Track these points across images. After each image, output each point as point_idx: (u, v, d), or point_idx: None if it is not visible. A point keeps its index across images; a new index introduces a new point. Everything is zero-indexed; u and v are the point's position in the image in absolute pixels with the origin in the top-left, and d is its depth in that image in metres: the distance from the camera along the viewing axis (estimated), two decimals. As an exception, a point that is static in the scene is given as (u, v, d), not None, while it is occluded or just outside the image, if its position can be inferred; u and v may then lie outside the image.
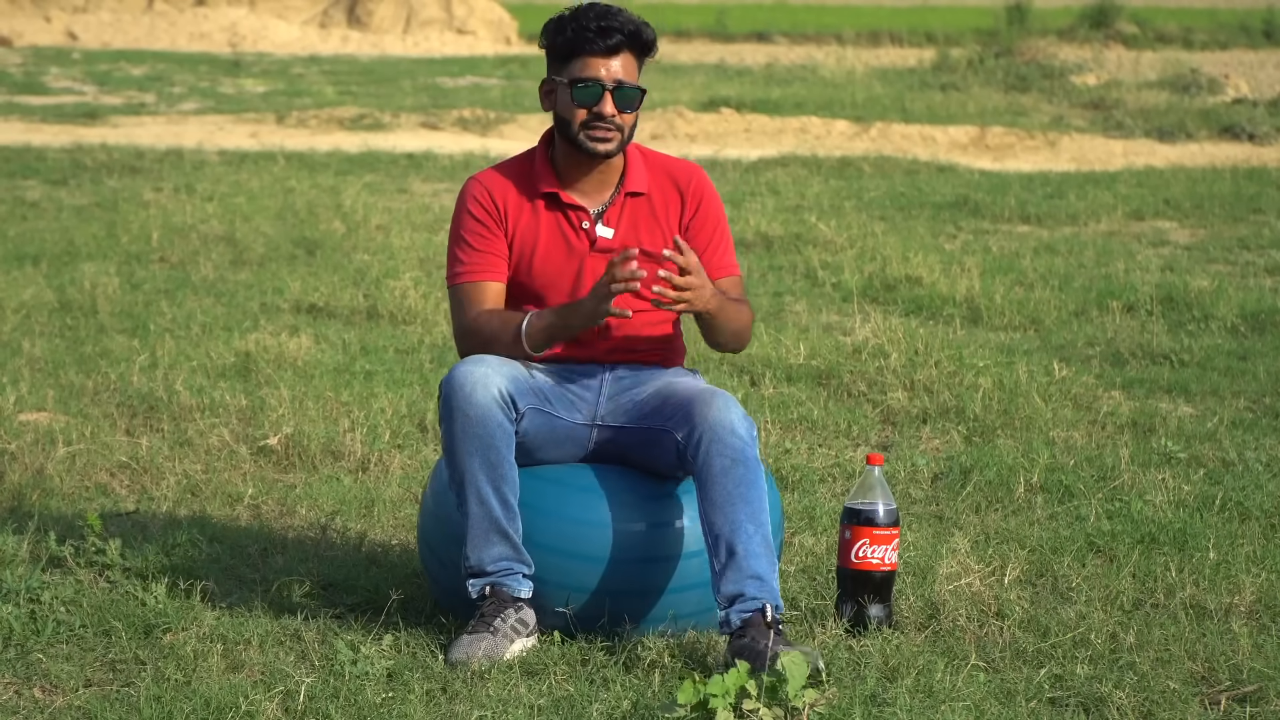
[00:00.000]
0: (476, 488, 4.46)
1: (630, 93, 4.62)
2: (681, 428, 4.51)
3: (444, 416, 4.48)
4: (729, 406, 4.48)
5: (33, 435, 6.32)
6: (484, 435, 4.44)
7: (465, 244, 4.69)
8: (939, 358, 7.52)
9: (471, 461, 4.45)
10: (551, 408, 4.61)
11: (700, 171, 4.80)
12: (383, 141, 16.91)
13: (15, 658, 4.39)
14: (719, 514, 4.42)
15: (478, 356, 4.52)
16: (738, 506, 4.41)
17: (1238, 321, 8.61)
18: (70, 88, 22.87)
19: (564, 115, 4.64)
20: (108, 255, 10.13)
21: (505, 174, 4.75)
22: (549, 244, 4.68)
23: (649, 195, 4.72)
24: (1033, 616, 4.70)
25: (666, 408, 4.59)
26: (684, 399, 4.56)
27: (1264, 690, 4.26)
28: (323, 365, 7.53)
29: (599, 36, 4.60)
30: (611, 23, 4.61)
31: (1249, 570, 5.07)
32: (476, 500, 4.47)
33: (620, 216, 4.70)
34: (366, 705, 4.08)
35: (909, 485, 6.05)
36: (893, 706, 4.07)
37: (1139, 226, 12.05)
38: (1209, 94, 22.51)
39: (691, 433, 4.48)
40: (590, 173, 4.69)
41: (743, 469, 4.43)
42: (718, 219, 4.77)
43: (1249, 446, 6.51)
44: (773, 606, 4.36)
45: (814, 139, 17.80)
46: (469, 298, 4.67)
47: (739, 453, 4.43)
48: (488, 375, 4.45)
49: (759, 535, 4.42)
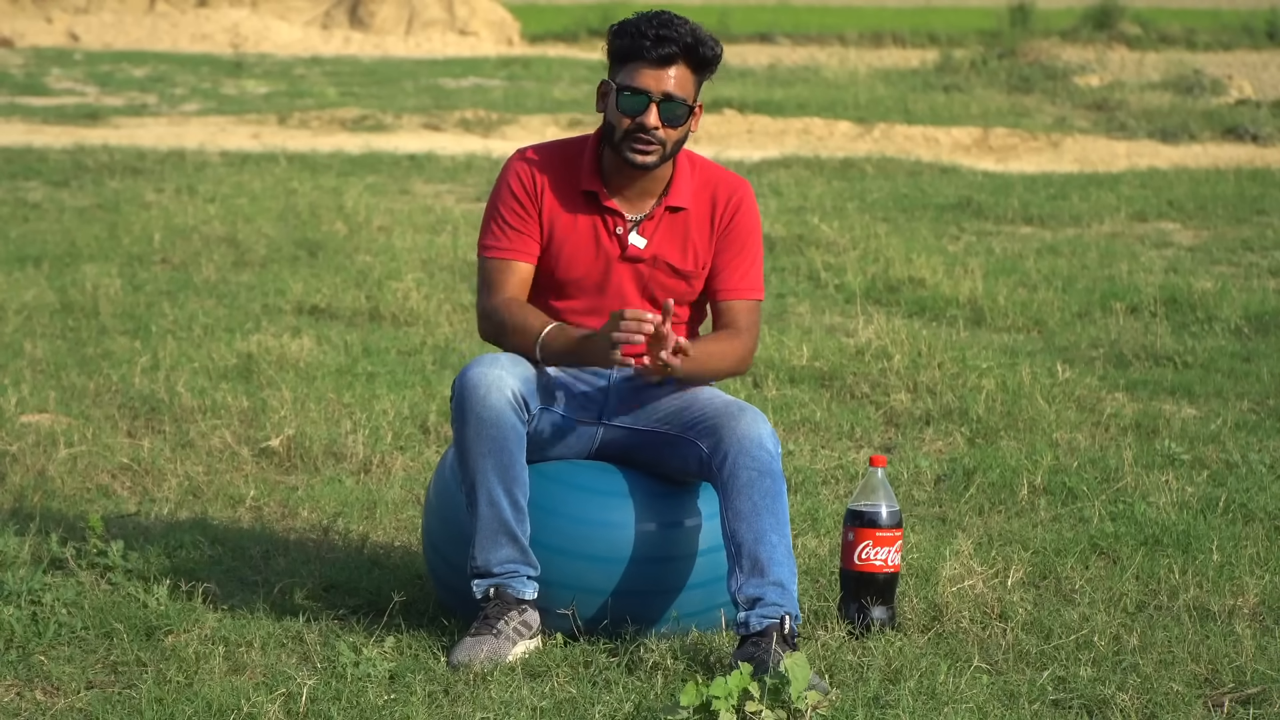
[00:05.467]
0: (488, 489, 4.46)
1: (678, 107, 4.54)
2: (707, 438, 4.50)
3: (457, 418, 4.47)
4: (758, 421, 4.48)
5: (34, 437, 6.32)
6: (497, 438, 4.44)
7: (501, 218, 4.65)
8: (942, 359, 7.53)
9: (484, 463, 4.45)
10: (561, 407, 4.61)
11: (744, 188, 4.72)
12: (385, 143, 16.91)
13: (17, 659, 4.39)
14: (744, 524, 4.42)
15: (491, 357, 4.50)
16: (764, 518, 4.42)
17: (1241, 323, 8.61)
18: (72, 89, 22.88)
19: (611, 120, 4.59)
20: (109, 257, 10.13)
21: (552, 158, 4.69)
22: (580, 240, 4.65)
23: (689, 210, 4.67)
24: (1036, 618, 4.71)
25: (688, 416, 4.58)
26: (710, 411, 4.54)
27: (1268, 692, 4.26)
28: (325, 367, 7.54)
29: (654, 45, 4.52)
30: (670, 33, 4.52)
31: (1253, 572, 5.07)
32: (487, 502, 4.47)
33: (656, 229, 4.65)
34: (369, 707, 4.08)
35: (912, 487, 6.06)
36: (895, 708, 4.07)
37: (1142, 228, 12.06)
38: (1212, 95, 22.51)
39: (719, 445, 4.47)
40: (634, 181, 4.64)
41: (769, 481, 4.44)
42: (745, 239, 4.70)
43: (1253, 448, 6.51)
44: (791, 617, 4.37)
45: (817, 140, 17.80)
46: (497, 276, 4.64)
47: (766, 466, 4.44)
48: (502, 378, 4.44)
49: (783, 545, 4.43)
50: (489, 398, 4.42)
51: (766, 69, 27.06)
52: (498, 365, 4.47)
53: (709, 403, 4.58)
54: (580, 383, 4.65)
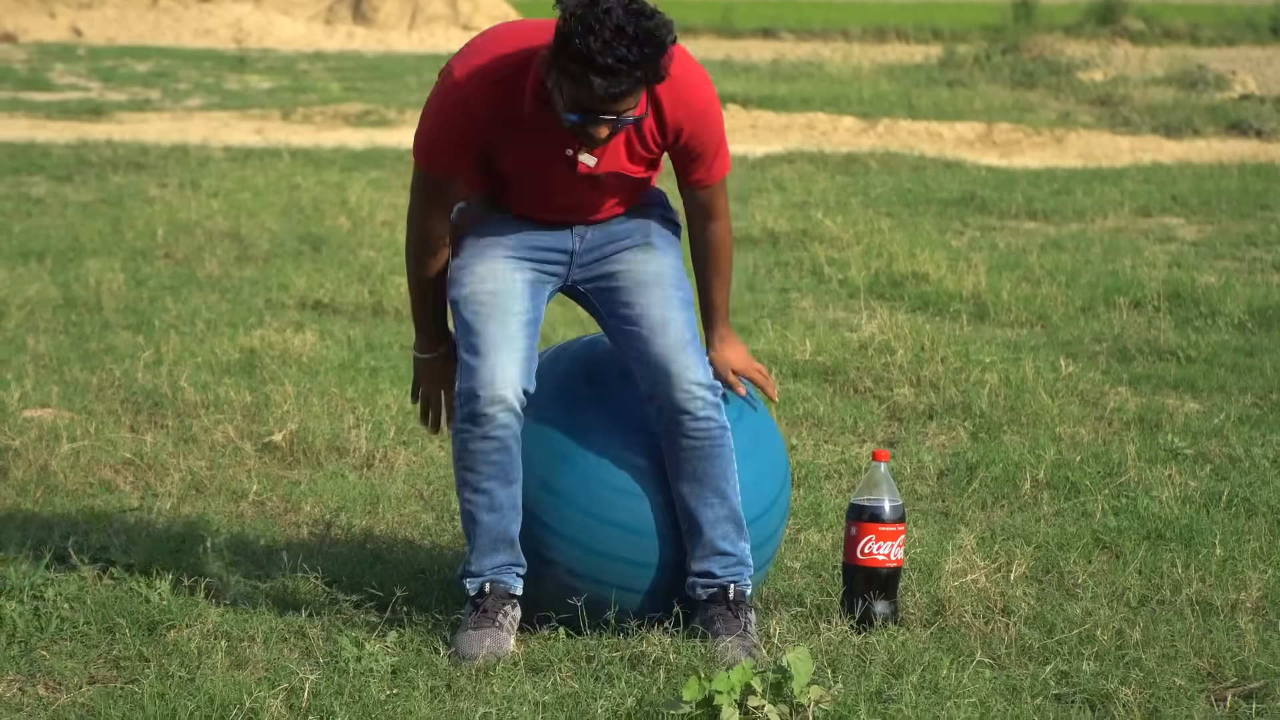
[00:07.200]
0: (490, 498, 4.45)
1: (627, 121, 4.23)
2: (643, 379, 4.46)
3: (461, 431, 4.43)
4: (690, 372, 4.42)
5: (37, 431, 6.32)
6: (503, 453, 4.43)
7: (436, 133, 4.39)
8: (945, 354, 7.52)
9: (490, 480, 4.44)
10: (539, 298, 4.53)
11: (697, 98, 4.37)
12: (388, 138, 16.91)
13: (19, 655, 4.40)
14: (686, 488, 4.45)
15: (490, 361, 4.40)
16: (704, 482, 4.44)
17: (1245, 318, 8.60)
18: (75, 84, 22.89)
19: (556, 108, 4.24)
20: (112, 251, 10.14)
21: (495, 81, 4.30)
22: (528, 163, 4.42)
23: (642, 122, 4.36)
24: (1039, 613, 4.71)
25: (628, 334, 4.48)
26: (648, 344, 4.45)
27: (1270, 687, 4.27)
28: (328, 361, 7.54)
29: (605, 78, 4.09)
30: (623, 61, 4.06)
31: (1255, 566, 5.07)
32: (488, 509, 4.46)
33: (606, 147, 4.36)
34: (371, 702, 4.08)
35: (915, 481, 6.06)
36: (898, 703, 4.07)
37: (1146, 223, 12.05)
38: (1216, 90, 22.48)
39: (653, 395, 4.45)
40: None
41: (709, 444, 4.44)
42: (706, 139, 4.42)
43: (1256, 443, 6.51)
44: (737, 583, 4.42)
45: (820, 135, 17.79)
46: (424, 190, 4.45)
47: (705, 432, 4.43)
48: (506, 394, 4.38)
49: (726, 507, 4.45)
50: (499, 416, 4.38)
51: (770, 64, 27.05)
52: (502, 370, 4.39)
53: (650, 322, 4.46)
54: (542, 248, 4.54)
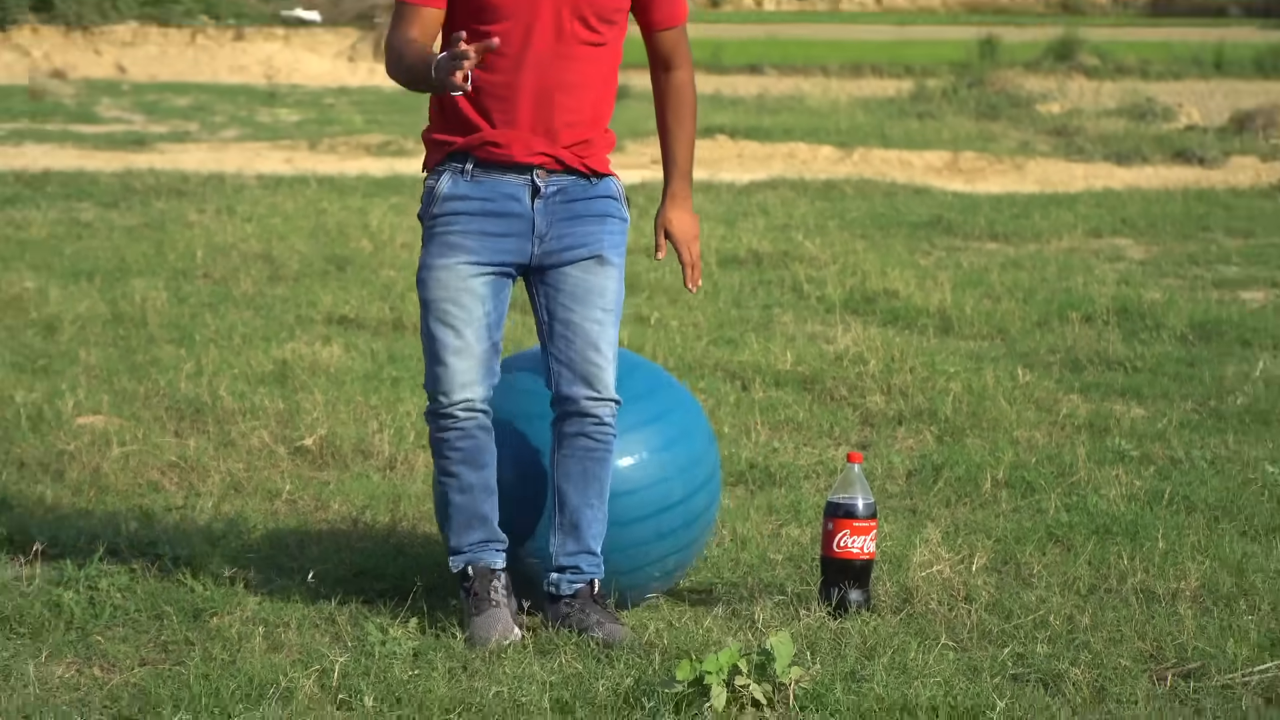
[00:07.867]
0: (459, 480, 4.47)
1: None
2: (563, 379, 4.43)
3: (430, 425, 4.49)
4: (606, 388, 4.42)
5: (90, 437, 6.36)
6: (467, 440, 4.45)
7: None
8: (913, 364, 7.55)
9: (459, 465, 4.46)
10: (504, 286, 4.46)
11: None
12: (407, 166, 16.92)
13: (76, 639, 4.44)
14: (571, 486, 4.45)
15: (453, 368, 4.39)
16: (590, 485, 4.46)
17: (1186, 330, 8.63)
18: (120, 117, 22.88)
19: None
20: (156, 271, 10.16)
21: None
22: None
23: None
24: (997, 600, 4.73)
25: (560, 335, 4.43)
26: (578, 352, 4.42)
27: (1206, 667, 4.28)
28: (353, 372, 7.57)
29: None
30: None
31: (1194, 558, 5.09)
32: (458, 490, 4.47)
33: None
34: (395, 682, 4.12)
35: (886, 481, 6.09)
36: (870, 682, 4.09)
37: (1097, 243, 12.07)
38: (1163, 121, 22.48)
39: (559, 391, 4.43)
40: None
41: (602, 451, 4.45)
42: None
43: (1195, 445, 6.54)
44: (598, 580, 4.49)
45: (801, 163, 17.80)
46: (405, 18, 4.35)
47: (604, 437, 4.45)
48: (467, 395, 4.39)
49: (600, 511, 4.48)
50: (459, 415, 4.41)
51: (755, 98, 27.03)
52: (463, 390, 4.40)
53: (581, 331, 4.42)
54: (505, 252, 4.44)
